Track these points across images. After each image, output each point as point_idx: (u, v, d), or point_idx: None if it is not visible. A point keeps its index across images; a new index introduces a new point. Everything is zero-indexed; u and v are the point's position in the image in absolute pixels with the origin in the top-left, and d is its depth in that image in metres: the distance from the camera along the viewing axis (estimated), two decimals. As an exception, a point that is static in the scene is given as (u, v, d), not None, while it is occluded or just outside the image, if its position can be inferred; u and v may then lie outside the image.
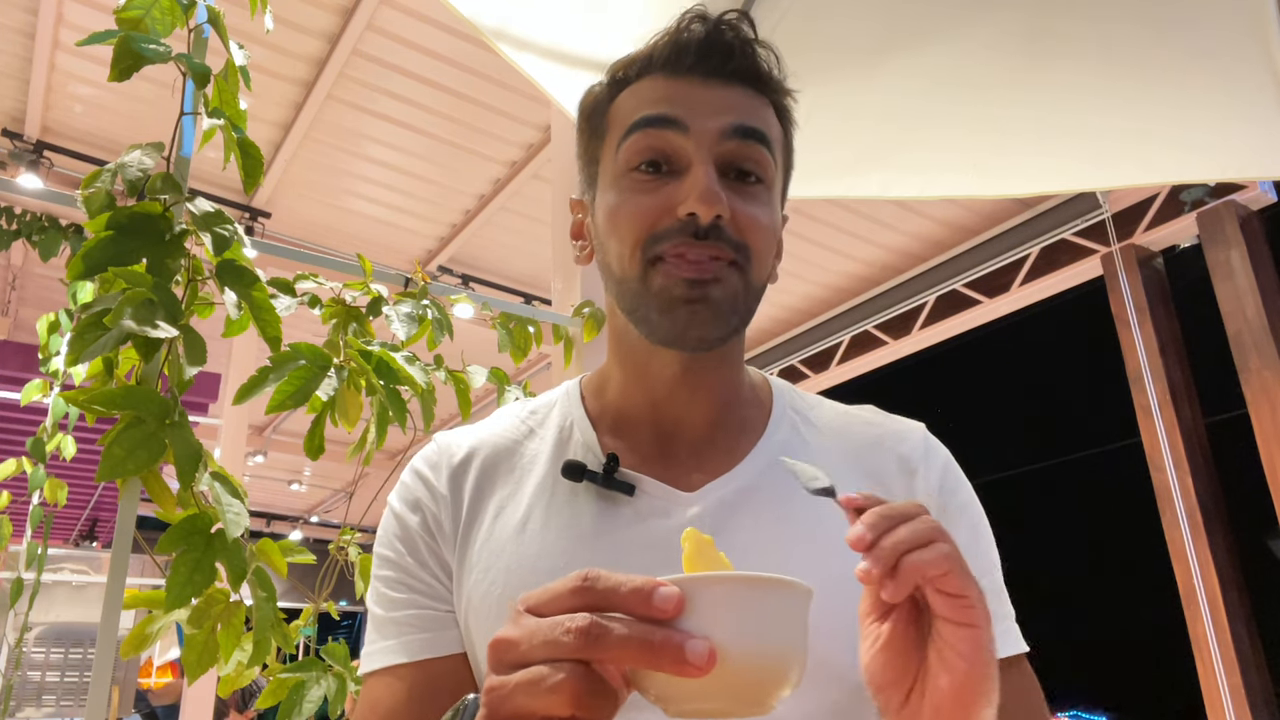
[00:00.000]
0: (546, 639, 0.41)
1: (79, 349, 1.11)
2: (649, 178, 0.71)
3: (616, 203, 0.72)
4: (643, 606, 0.40)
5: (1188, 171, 1.98)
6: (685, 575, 0.41)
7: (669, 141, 0.70)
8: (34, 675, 6.98)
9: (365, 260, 1.76)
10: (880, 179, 2.01)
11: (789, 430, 0.78)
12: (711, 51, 0.72)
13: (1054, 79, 1.73)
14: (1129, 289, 3.70)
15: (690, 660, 0.39)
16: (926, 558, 0.48)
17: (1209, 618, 3.26)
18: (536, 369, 5.81)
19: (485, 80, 3.53)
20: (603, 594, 0.41)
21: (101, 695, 1.14)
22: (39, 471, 2.05)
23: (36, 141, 3.82)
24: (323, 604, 1.64)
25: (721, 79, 0.73)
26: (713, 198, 0.67)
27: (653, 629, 0.40)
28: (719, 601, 0.40)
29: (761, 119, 0.73)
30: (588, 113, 0.78)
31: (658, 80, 0.73)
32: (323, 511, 10.33)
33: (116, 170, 1.23)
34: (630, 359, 0.76)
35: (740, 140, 0.71)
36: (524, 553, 0.69)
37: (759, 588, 0.41)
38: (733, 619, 0.40)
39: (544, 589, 0.44)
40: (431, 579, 0.72)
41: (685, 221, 0.68)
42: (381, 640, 0.72)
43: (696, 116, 0.70)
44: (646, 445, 0.75)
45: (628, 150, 0.71)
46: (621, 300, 0.74)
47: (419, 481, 0.77)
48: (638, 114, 0.72)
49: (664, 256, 0.69)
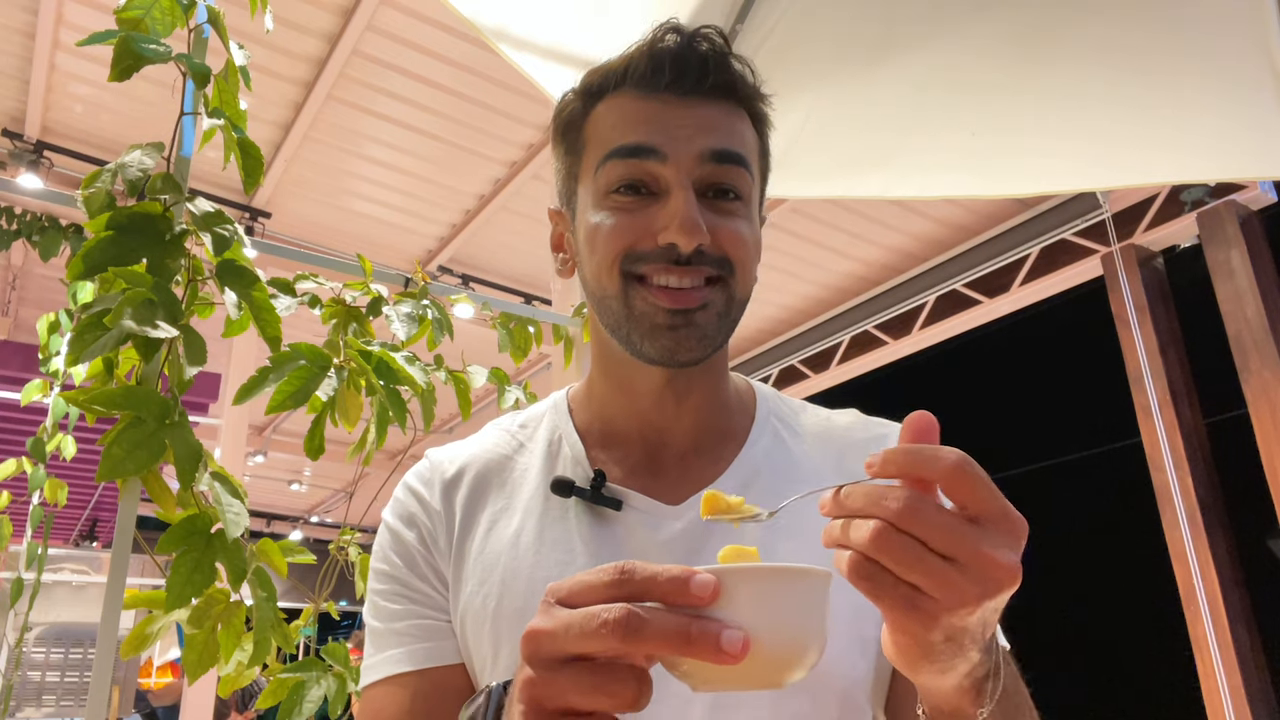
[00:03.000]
0: (584, 630, 0.41)
1: (79, 349, 1.11)
2: (629, 199, 0.71)
3: (596, 223, 0.72)
4: (680, 595, 0.41)
5: (1188, 172, 1.98)
6: (716, 566, 0.43)
7: (647, 169, 0.70)
8: (34, 675, 6.98)
9: (365, 260, 1.76)
10: (880, 179, 2.01)
11: (771, 438, 0.79)
12: (686, 68, 0.72)
13: (1054, 79, 1.73)
14: (1129, 289, 3.70)
15: (726, 649, 0.40)
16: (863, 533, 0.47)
17: (1209, 618, 3.26)
18: (536, 369, 5.81)
19: (485, 80, 3.53)
20: (641, 584, 0.42)
21: (101, 695, 1.14)
22: (39, 471, 2.05)
23: (36, 141, 3.82)
24: (323, 604, 1.64)
25: (698, 96, 0.72)
26: (693, 228, 0.67)
27: (689, 619, 0.41)
28: (750, 590, 0.42)
29: (738, 137, 0.73)
30: (563, 127, 0.78)
31: (632, 99, 0.73)
32: (323, 511, 10.33)
33: (116, 170, 1.22)
34: (615, 372, 0.77)
35: (717, 164, 0.71)
36: (518, 567, 0.71)
37: (787, 577, 0.43)
38: (763, 606, 0.42)
39: (575, 580, 0.44)
40: (430, 590, 0.74)
41: (665, 248, 0.69)
42: (382, 651, 0.72)
43: (674, 142, 0.70)
44: (634, 457, 0.77)
45: (606, 174, 0.71)
46: (603, 317, 0.74)
47: (412, 497, 0.78)
48: (615, 141, 0.72)
49: (644, 277, 0.70)
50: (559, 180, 0.80)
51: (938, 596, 0.45)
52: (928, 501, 0.45)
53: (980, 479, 0.46)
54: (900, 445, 0.48)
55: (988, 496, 0.46)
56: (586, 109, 0.76)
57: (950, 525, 0.45)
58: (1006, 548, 0.45)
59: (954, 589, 0.45)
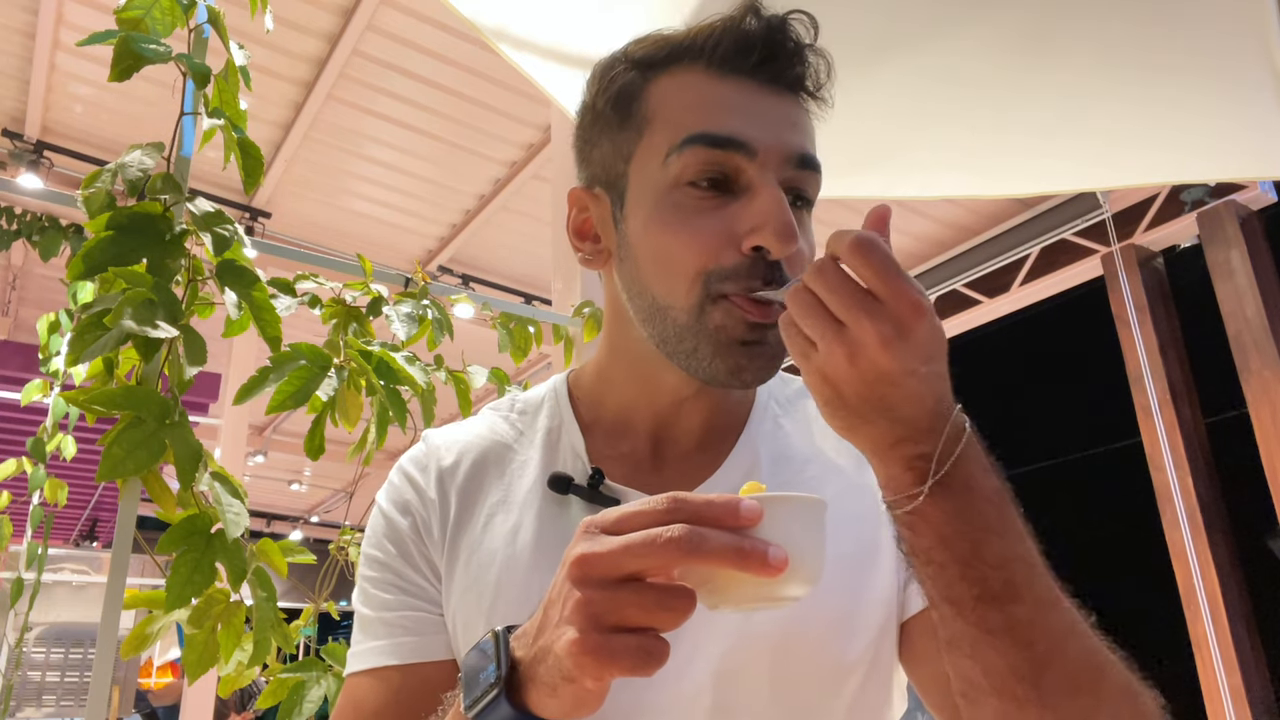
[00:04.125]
0: (647, 548, 0.44)
1: (79, 349, 1.11)
2: (708, 195, 0.65)
3: (667, 221, 0.66)
4: (731, 517, 0.45)
5: (1188, 172, 1.98)
6: (755, 495, 0.49)
7: (735, 163, 0.64)
8: (34, 675, 6.98)
9: (365, 260, 1.76)
10: (880, 179, 2.01)
11: (771, 423, 0.78)
12: (779, 52, 0.66)
13: (1054, 79, 1.73)
14: (1129, 289, 3.70)
15: (772, 563, 0.44)
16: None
17: (1209, 618, 3.26)
18: (537, 369, 5.81)
19: (485, 80, 3.53)
20: (695, 509, 0.46)
21: (101, 695, 1.14)
22: (39, 471, 2.05)
23: (36, 141, 3.82)
24: (323, 604, 1.64)
25: (783, 87, 0.67)
26: (789, 232, 0.62)
27: (741, 538, 0.45)
28: (783, 515, 0.48)
29: (814, 140, 0.70)
30: (614, 98, 0.70)
31: (710, 78, 0.66)
32: (323, 511, 10.32)
33: (116, 170, 1.22)
34: (640, 369, 0.74)
35: (802, 170, 0.67)
36: (515, 567, 0.69)
37: (806, 504, 0.50)
38: (792, 529, 0.47)
39: (621, 510, 0.48)
40: (423, 580, 0.72)
41: (753, 258, 0.63)
42: (369, 640, 0.71)
43: (764, 136, 0.65)
44: (640, 453, 0.75)
45: (684, 162, 0.65)
46: (659, 326, 0.68)
47: (407, 483, 0.76)
48: (697, 125, 0.65)
49: (729, 296, 0.64)
50: (599, 157, 0.72)
51: (820, 350, 0.52)
52: (829, 266, 0.52)
53: (874, 256, 0.51)
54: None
55: (875, 275, 0.51)
56: (647, 80, 0.68)
57: (835, 286, 0.51)
58: (886, 321, 0.50)
59: (832, 345, 0.51)
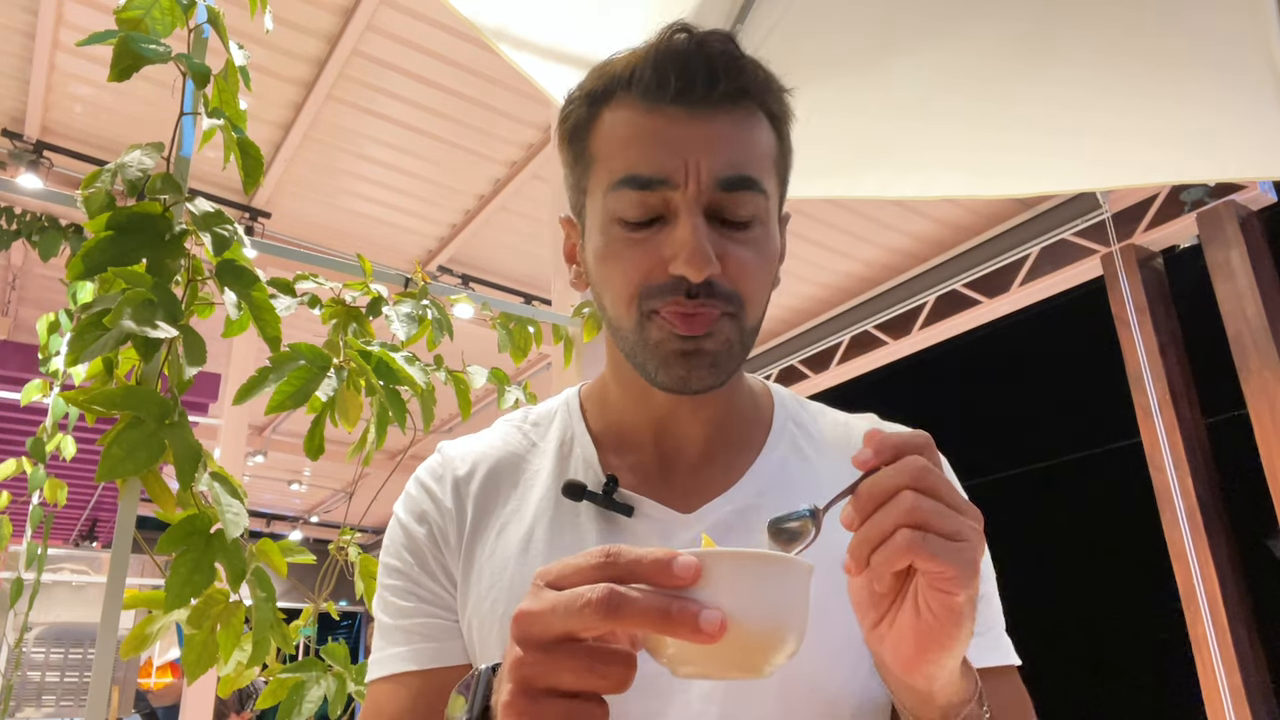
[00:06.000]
0: (569, 609, 0.43)
1: (79, 349, 1.11)
2: (638, 229, 0.69)
3: (605, 252, 0.70)
4: (663, 576, 0.43)
5: (1188, 171, 1.98)
6: (699, 550, 0.45)
7: (659, 197, 0.68)
8: (34, 675, 6.99)
9: (365, 260, 1.76)
10: (880, 179, 2.01)
11: (788, 446, 0.78)
12: (694, 77, 0.68)
13: (1054, 79, 1.73)
14: (1129, 289, 3.70)
15: (704, 628, 0.41)
16: (890, 550, 0.50)
17: (1209, 618, 3.26)
18: (536, 369, 5.81)
19: (485, 80, 3.53)
20: (626, 566, 0.44)
21: (101, 695, 1.14)
22: (39, 471, 2.05)
23: (36, 141, 3.82)
24: (322, 604, 1.64)
25: (707, 108, 0.68)
26: (702, 260, 0.65)
27: (670, 599, 0.42)
28: (729, 574, 0.43)
29: (751, 151, 0.69)
30: (568, 134, 0.75)
31: (638, 111, 0.69)
32: (323, 511, 10.33)
33: (116, 170, 1.23)
34: (630, 382, 0.76)
35: (729, 192, 0.67)
36: (528, 573, 0.70)
37: (764, 563, 0.45)
38: (742, 590, 0.43)
39: (563, 563, 0.46)
40: (439, 589, 0.74)
41: (676, 280, 0.67)
42: (389, 648, 0.73)
43: (683, 166, 0.67)
44: (648, 464, 0.76)
45: (616, 202, 0.69)
46: (619, 343, 0.73)
47: (424, 494, 0.78)
48: (624, 167, 0.68)
49: (659, 311, 0.68)
50: (568, 190, 0.77)
51: (972, 540, 0.50)
52: (935, 471, 0.51)
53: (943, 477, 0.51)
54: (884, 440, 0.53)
55: (952, 491, 0.51)
56: (592, 115, 0.73)
57: (954, 498, 0.51)
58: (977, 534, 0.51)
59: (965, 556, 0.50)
